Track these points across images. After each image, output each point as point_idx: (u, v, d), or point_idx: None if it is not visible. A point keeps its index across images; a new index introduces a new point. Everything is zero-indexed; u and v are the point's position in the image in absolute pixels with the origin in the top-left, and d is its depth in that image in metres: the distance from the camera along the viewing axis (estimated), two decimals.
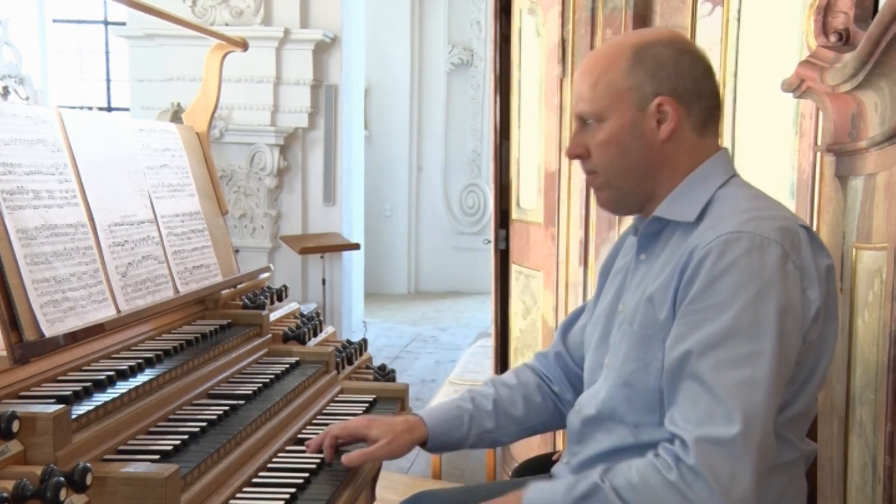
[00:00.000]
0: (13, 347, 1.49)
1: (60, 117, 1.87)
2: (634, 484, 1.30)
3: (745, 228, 1.32)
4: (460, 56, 10.20)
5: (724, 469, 1.25)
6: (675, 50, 1.43)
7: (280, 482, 1.57)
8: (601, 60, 1.46)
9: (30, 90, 7.45)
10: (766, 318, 1.28)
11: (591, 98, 1.44)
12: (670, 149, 1.43)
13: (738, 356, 1.28)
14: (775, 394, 1.29)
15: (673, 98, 1.41)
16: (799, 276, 1.33)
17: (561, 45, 3.50)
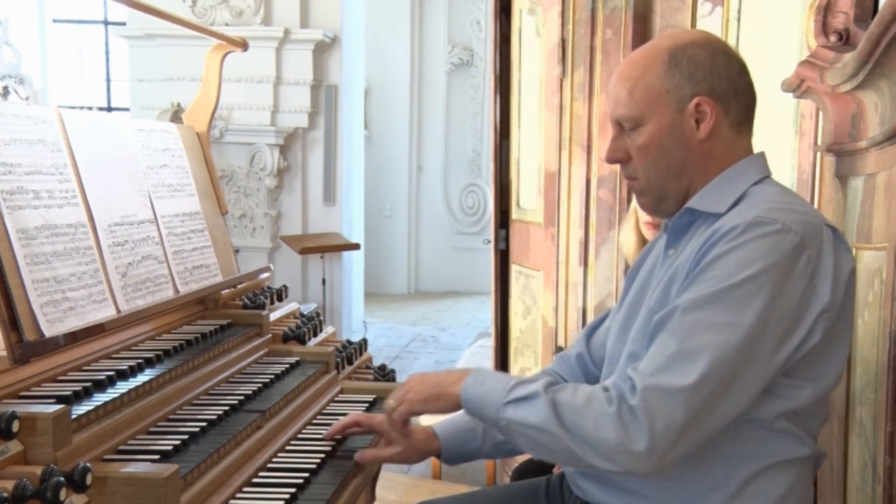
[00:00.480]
0: (13, 347, 1.48)
1: (60, 117, 1.87)
2: (575, 405, 1.34)
3: (769, 216, 1.34)
4: (460, 56, 10.20)
5: (662, 418, 1.28)
6: (709, 50, 1.45)
7: (280, 482, 1.57)
8: (637, 65, 1.47)
9: (30, 90, 7.45)
10: (758, 296, 1.30)
11: (630, 102, 1.46)
12: (708, 147, 1.46)
13: (716, 322, 1.30)
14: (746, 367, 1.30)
15: (710, 97, 1.44)
16: (811, 270, 1.33)
17: (561, 45, 3.49)
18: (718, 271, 1.32)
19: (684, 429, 1.29)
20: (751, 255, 1.31)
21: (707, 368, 1.28)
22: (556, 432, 1.35)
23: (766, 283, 1.30)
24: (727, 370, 1.29)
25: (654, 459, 1.30)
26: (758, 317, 1.29)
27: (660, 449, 1.29)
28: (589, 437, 1.33)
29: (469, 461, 1.76)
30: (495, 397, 1.43)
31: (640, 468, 1.31)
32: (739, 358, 1.29)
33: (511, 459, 3.97)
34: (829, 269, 1.35)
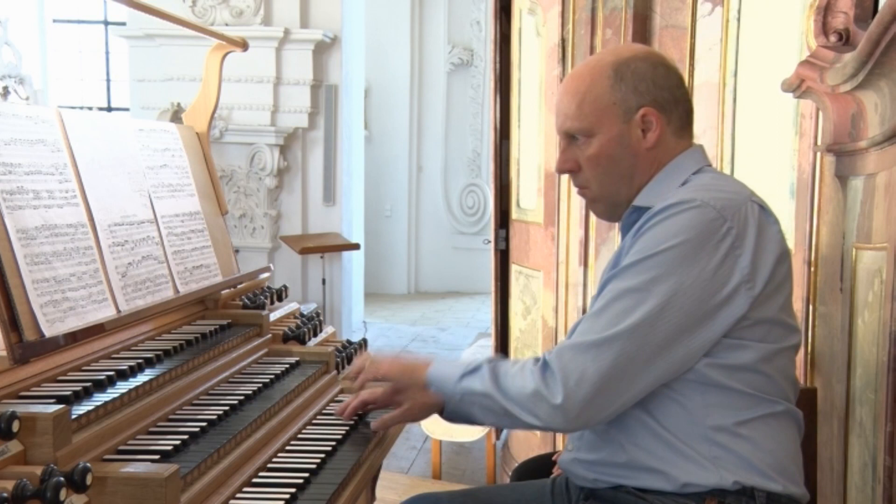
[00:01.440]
0: (13, 347, 1.48)
1: (60, 117, 1.87)
2: (509, 371, 1.49)
3: (692, 195, 1.44)
4: (460, 56, 10.20)
5: (574, 367, 1.39)
6: (650, 63, 1.55)
7: (280, 482, 1.57)
8: (584, 79, 1.56)
9: (30, 90, 7.45)
10: (672, 265, 1.39)
11: (579, 115, 1.55)
12: (654, 154, 1.55)
13: (631, 287, 1.41)
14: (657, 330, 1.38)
15: (655, 108, 1.53)
16: (731, 242, 1.41)
17: (561, 45, 3.49)
18: (640, 246, 1.43)
19: (597, 383, 1.38)
20: (668, 230, 1.41)
21: (619, 328, 1.38)
22: (495, 395, 1.48)
23: (680, 254, 1.39)
24: (638, 332, 1.38)
25: (573, 412, 1.39)
26: (669, 285, 1.38)
27: (575, 401, 1.38)
28: (517, 395, 1.45)
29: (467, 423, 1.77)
30: (453, 375, 1.56)
31: (561, 420, 1.41)
32: (652, 321, 1.38)
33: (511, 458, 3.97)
34: (750, 242, 1.42)
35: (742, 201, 1.45)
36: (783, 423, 1.49)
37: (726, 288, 1.40)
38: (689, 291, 1.38)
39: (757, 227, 1.44)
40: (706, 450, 1.44)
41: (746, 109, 2.78)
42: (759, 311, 1.43)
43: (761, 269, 1.42)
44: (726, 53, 2.84)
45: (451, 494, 1.82)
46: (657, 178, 1.55)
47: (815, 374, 2.36)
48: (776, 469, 1.46)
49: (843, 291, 2.09)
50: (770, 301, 1.44)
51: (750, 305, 1.41)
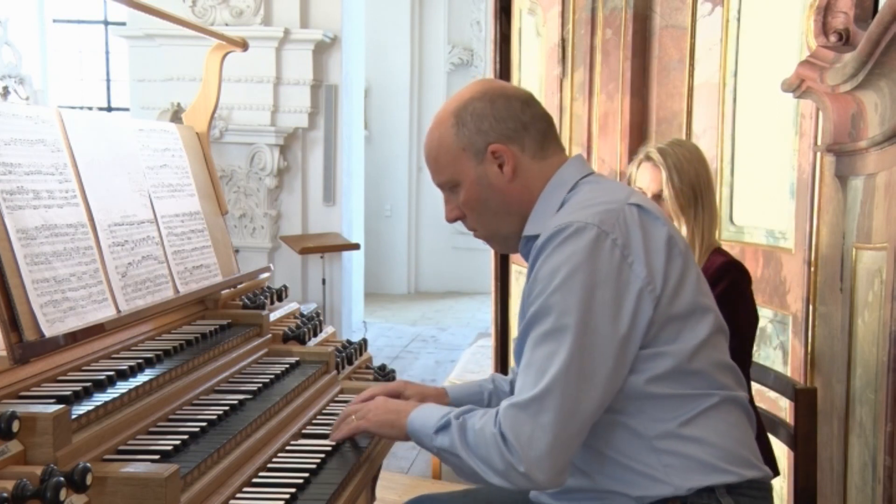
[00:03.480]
0: (13, 347, 1.48)
1: (60, 117, 1.87)
2: (475, 429, 1.46)
3: (566, 220, 1.44)
4: (460, 56, 10.20)
5: (524, 430, 1.38)
6: (488, 100, 1.56)
7: (280, 482, 1.57)
8: (434, 134, 1.60)
9: (30, 90, 7.45)
10: (574, 295, 1.39)
11: (439, 170, 1.60)
12: (521, 183, 1.57)
13: (545, 332, 1.40)
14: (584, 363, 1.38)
15: (501, 142, 1.55)
16: (620, 253, 1.41)
17: (561, 45, 3.50)
18: (537, 287, 1.43)
19: (550, 437, 1.37)
20: (557, 262, 1.41)
21: (551, 375, 1.37)
22: (463, 455, 1.46)
23: (577, 282, 1.39)
24: (569, 370, 1.37)
25: (539, 473, 1.38)
26: (579, 315, 1.38)
27: (536, 462, 1.37)
28: (483, 458, 1.43)
29: None
30: (429, 428, 1.54)
31: (532, 484, 1.41)
32: (577, 355, 1.38)
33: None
34: (639, 245, 1.43)
35: (618, 208, 1.45)
36: (724, 411, 1.49)
37: (630, 297, 1.40)
38: (600, 314, 1.39)
39: (640, 229, 1.44)
40: (656, 461, 1.44)
41: (746, 109, 2.78)
42: (667, 310, 1.43)
43: (657, 268, 1.43)
44: (726, 53, 2.84)
45: (452, 495, 1.82)
46: (538, 205, 1.57)
47: (815, 374, 2.36)
48: (728, 460, 1.46)
49: (843, 291, 2.10)
50: (676, 297, 1.44)
51: (655, 307, 1.42)
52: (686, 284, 1.47)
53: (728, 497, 1.44)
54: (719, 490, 1.44)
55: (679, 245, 1.49)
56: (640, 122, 3.25)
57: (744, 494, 1.46)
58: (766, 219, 2.66)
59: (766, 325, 2.59)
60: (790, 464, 2.12)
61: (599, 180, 1.60)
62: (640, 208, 1.48)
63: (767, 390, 2.28)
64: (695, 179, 2.23)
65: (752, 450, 1.53)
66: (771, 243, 2.61)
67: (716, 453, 1.45)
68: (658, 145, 2.30)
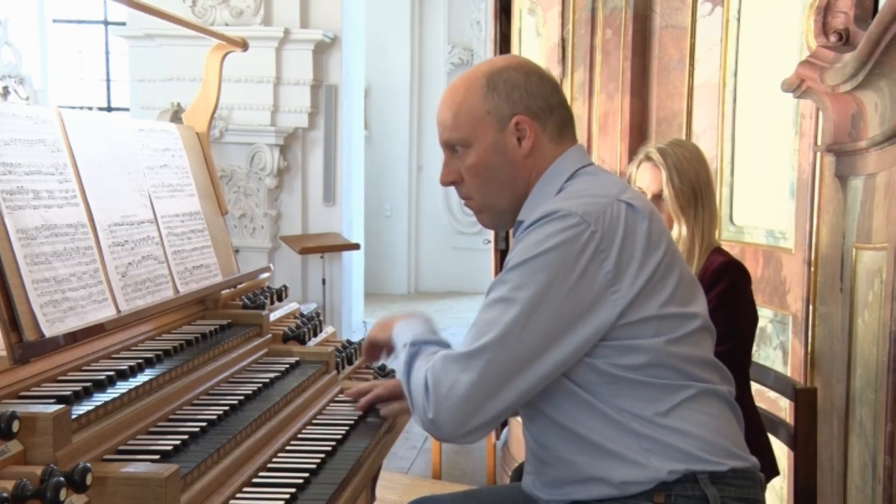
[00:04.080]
0: (13, 347, 1.48)
1: (60, 117, 1.87)
2: (416, 367, 1.49)
3: (555, 207, 1.45)
4: (460, 56, 10.20)
5: (445, 381, 1.40)
6: (523, 73, 1.56)
7: (280, 482, 1.57)
8: (459, 91, 1.58)
9: (30, 90, 7.44)
10: (534, 273, 1.40)
11: (455, 126, 1.57)
12: (532, 161, 1.56)
13: (497, 298, 1.43)
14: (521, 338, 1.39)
15: (528, 115, 1.54)
16: (595, 245, 1.42)
17: (561, 45, 3.50)
18: (510, 259, 1.46)
19: (466, 393, 1.38)
20: (533, 241, 1.43)
21: (486, 339, 1.39)
22: (404, 383, 1.51)
23: (544, 262, 1.40)
24: (505, 341, 1.39)
25: (443, 423, 1.40)
26: (534, 293, 1.39)
27: (444, 412, 1.39)
28: (411, 397, 1.47)
29: None
30: (400, 340, 1.59)
31: (435, 431, 1.43)
32: (517, 329, 1.39)
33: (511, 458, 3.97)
34: (617, 241, 1.43)
35: (607, 203, 1.46)
36: (704, 403, 1.48)
37: (590, 293, 1.41)
38: (553, 298, 1.39)
39: (623, 227, 1.44)
40: (635, 444, 1.44)
41: (746, 109, 2.78)
42: (639, 310, 1.43)
43: (629, 270, 1.42)
44: (726, 53, 2.84)
45: (454, 496, 1.82)
46: (535, 190, 1.57)
47: (815, 374, 2.36)
48: (708, 450, 1.45)
49: (843, 291, 2.10)
50: (650, 299, 1.44)
51: (622, 309, 1.42)
52: (664, 285, 1.46)
53: (712, 487, 1.43)
54: (702, 479, 1.43)
55: (662, 247, 1.48)
56: (640, 122, 3.25)
57: (728, 484, 1.45)
58: (766, 219, 2.66)
59: (766, 325, 2.59)
60: (790, 464, 2.12)
61: (598, 172, 1.59)
62: (629, 206, 1.47)
63: (767, 390, 2.28)
64: (695, 179, 2.23)
65: (735, 441, 1.52)
66: (771, 243, 2.61)
67: (695, 443, 1.44)
68: (658, 145, 2.30)
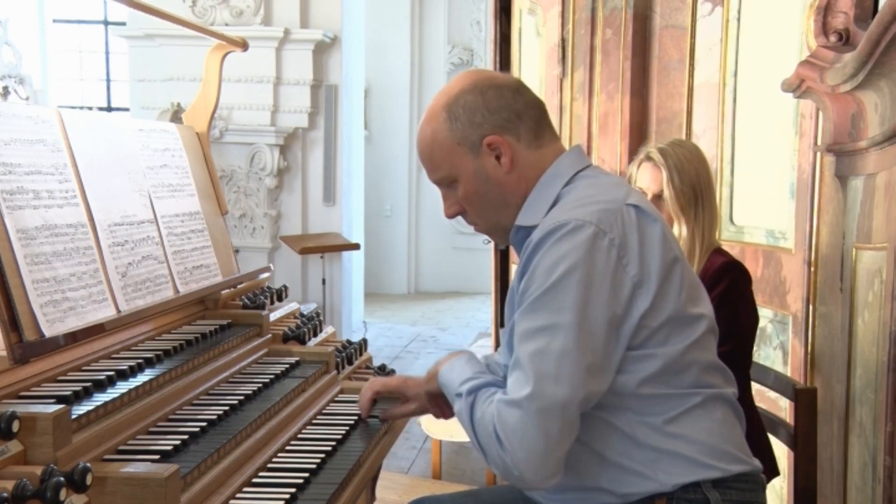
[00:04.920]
0: (13, 347, 1.48)
1: (60, 117, 1.87)
2: (477, 417, 1.45)
3: (565, 217, 1.43)
4: (460, 56, 10.20)
5: (516, 429, 1.36)
6: (478, 92, 1.54)
7: (280, 482, 1.57)
8: (426, 130, 1.57)
9: (30, 90, 7.44)
10: (568, 293, 1.38)
11: (434, 167, 1.58)
12: (518, 173, 1.54)
13: (537, 328, 1.39)
14: (577, 362, 1.36)
15: (497, 133, 1.52)
16: (617, 252, 1.41)
17: (561, 45, 3.50)
18: (533, 283, 1.41)
19: (542, 433, 1.35)
20: (553, 260, 1.40)
21: (539, 375, 1.36)
22: (471, 434, 1.46)
23: (574, 280, 1.38)
24: (561, 369, 1.36)
25: (533, 472, 1.36)
26: (574, 314, 1.37)
27: (528, 461, 1.36)
28: (485, 450, 1.42)
29: None
30: (452, 388, 1.56)
31: (527, 485, 1.41)
32: (569, 354, 1.36)
33: None
34: (634, 245, 1.42)
35: (617, 208, 1.44)
36: (709, 409, 1.49)
37: (623, 299, 1.40)
38: (594, 314, 1.38)
39: (637, 231, 1.43)
40: (642, 455, 1.44)
41: (746, 109, 2.78)
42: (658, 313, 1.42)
43: (651, 272, 1.42)
44: (726, 53, 2.84)
45: (454, 496, 1.82)
46: (531, 196, 1.55)
47: (815, 374, 2.36)
48: (713, 455, 1.46)
49: (843, 291, 2.10)
50: (668, 301, 1.44)
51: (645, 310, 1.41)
52: (679, 288, 1.46)
53: (714, 491, 1.44)
54: (705, 485, 1.44)
55: (674, 248, 1.48)
56: (640, 122, 3.25)
57: (730, 487, 1.46)
58: (766, 219, 2.66)
59: (766, 325, 2.59)
60: (790, 464, 2.12)
61: (597, 175, 1.58)
62: (638, 209, 1.47)
63: (767, 390, 2.28)
64: (695, 179, 2.23)
65: (739, 445, 1.52)
66: (771, 243, 2.61)
67: (700, 449, 1.45)
68: (658, 145, 2.30)
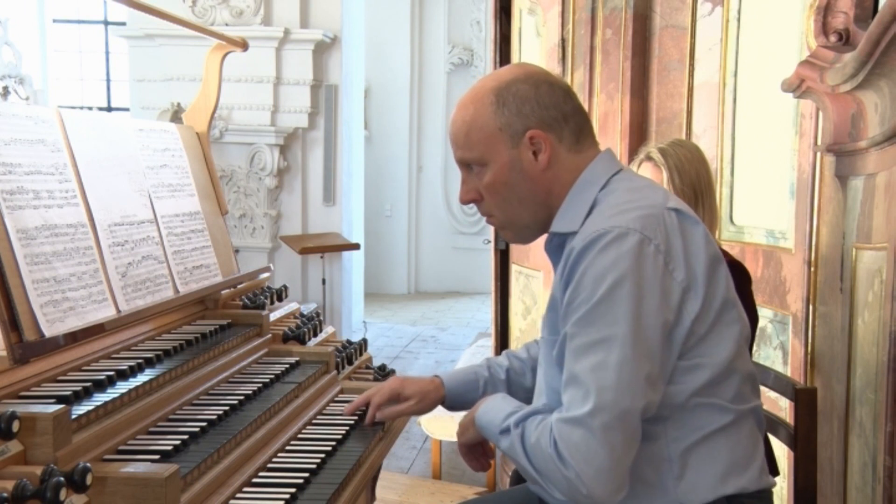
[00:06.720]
0: (13, 347, 1.48)
1: (60, 117, 1.87)
2: (531, 443, 1.42)
3: (608, 224, 1.40)
4: (460, 56, 10.20)
5: (580, 446, 1.34)
6: (532, 84, 1.50)
7: (280, 482, 1.57)
8: (468, 108, 1.53)
9: (30, 90, 7.44)
10: (620, 304, 1.35)
11: (468, 145, 1.53)
12: (552, 174, 1.51)
13: (592, 342, 1.36)
14: (636, 373, 1.34)
15: (541, 128, 1.49)
16: (663, 259, 1.38)
17: (561, 45, 3.49)
18: (581, 294, 1.38)
19: (608, 448, 1.33)
20: (600, 270, 1.37)
21: (599, 389, 1.33)
22: (525, 465, 1.44)
23: (625, 290, 1.35)
24: (620, 382, 1.33)
25: (602, 488, 1.34)
26: (628, 325, 1.34)
27: (596, 478, 1.34)
28: (545, 475, 1.40)
29: None
30: (494, 427, 1.52)
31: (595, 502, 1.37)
32: (627, 365, 1.34)
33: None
34: (679, 251, 1.40)
35: (659, 213, 1.42)
36: (741, 425, 1.48)
37: (673, 304, 1.38)
38: (648, 323, 1.35)
39: (681, 235, 1.41)
40: (668, 471, 1.43)
41: (746, 109, 2.78)
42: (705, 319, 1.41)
43: (698, 275, 1.40)
44: (726, 53, 2.84)
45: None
46: (567, 200, 1.51)
47: (815, 374, 2.36)
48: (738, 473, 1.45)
49: (843, 291, 2.10)
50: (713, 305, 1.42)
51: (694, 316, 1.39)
52: (725, 287, 1.44)
53: None
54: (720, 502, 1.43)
55: (715, 248, 1.46)
56: (640, 122, 3.25)
57: (742, 503, 1.46)
58: (766, 219, 2.66)
59: (766, 325, 2.59)
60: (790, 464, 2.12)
61: (632, 178, 1.55)
62: (679, 213, 1.44)
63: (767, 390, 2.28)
64: (696, 180, 2.23)
65: (761, 461, 1.51)
66: (771, 243, 2.61)
67: (727, 468, 1.44)
68: (659, 145, 2.30)
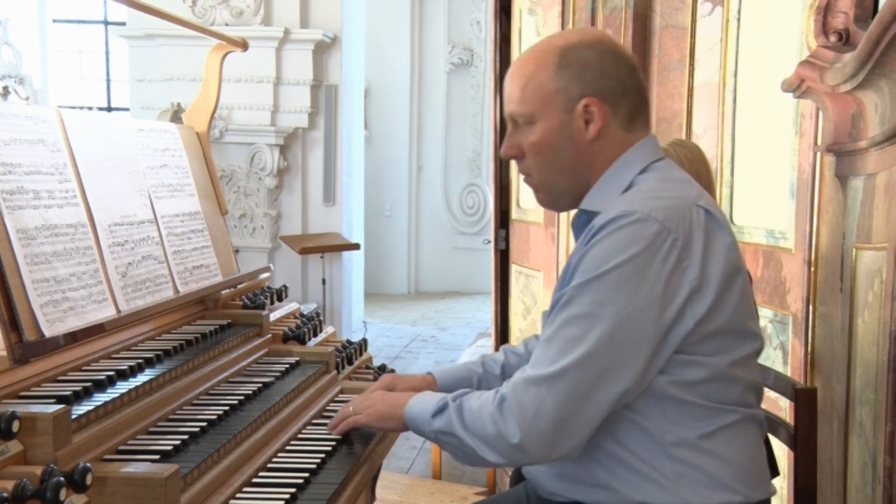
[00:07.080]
0: (13, 347, 1.48)
1: (60, 117, 1.87)
2: (473, 407, 1.44)
3: (633, 207, 1.38)
4: (460, 56, 10.20)
5: (530, 405, 1.35)
6: (598, 51, 1.47)
7: (280, 482, 1.57)
8: (530, 62, 1.49)
9: (30, 90, 7.44)
10: (618, 287, 1.33)
11: (521, 100, 1.49)
12: (599, 147, 1.48)
13: (579, 314, 1.35)
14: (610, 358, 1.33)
15: (598, 98, 1.45)
16: (678, 254, 1.35)
17: None
18: (585, 266, 1.37)
19: (554, 417, 1.34)
20: (610, 249, 1.35)
21: (571, 358, 1.33)
22: (460, 434, 1.44)
23: (626, 273, 1.33)
24: (590, 361, 1.33)
25: (532, 448, 1.35)
26: (617, 307, 1.33)
27: (533, 437, 1.34)
28: (479, 433, 1.41)
29: None
30: (426, 413, 1.52)
31: (521, 458, 1.38)
32: (604, 347, 1.33)
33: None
34: (698, 249, 1.37)
35: (686, 207, 1.39)
36: (744, 429, 1.46)
37: (675, 303, 1.35)
38: (639, 312, 1.33)
39: (704, 234, 1.38)
40: (668, 467, 1.40)
41: (746, 109, 2.78)
42: (711, 321, 1.38)
43: (711, 278, 1.37)
44: (726, 53, 2.84)
45: None
46: (604, 178, 1.49)
47: (815, 374, 2.36)
48: (739, 479, 1.42)
49: (843, 291, 2.10)
50: (724, 310, 1.39)
51: (700, 317, 1.36)
52: (738, 301, 1.41)
53: None
54: None
55: (739, 260, 1.43)
56: None
57: None
58: (766, 219, 2.66)
59: (766, 325, 2.59)
60: (790, 464, 2.12)
61: (671, 168, 1.52)
62: (709, 213, 1.41)
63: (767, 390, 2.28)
64: (696, 179, 2.23)
65: (761, 470, 1.49)
66: (771, 243, 2.61)
67: (729, 472, 1.41)
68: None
